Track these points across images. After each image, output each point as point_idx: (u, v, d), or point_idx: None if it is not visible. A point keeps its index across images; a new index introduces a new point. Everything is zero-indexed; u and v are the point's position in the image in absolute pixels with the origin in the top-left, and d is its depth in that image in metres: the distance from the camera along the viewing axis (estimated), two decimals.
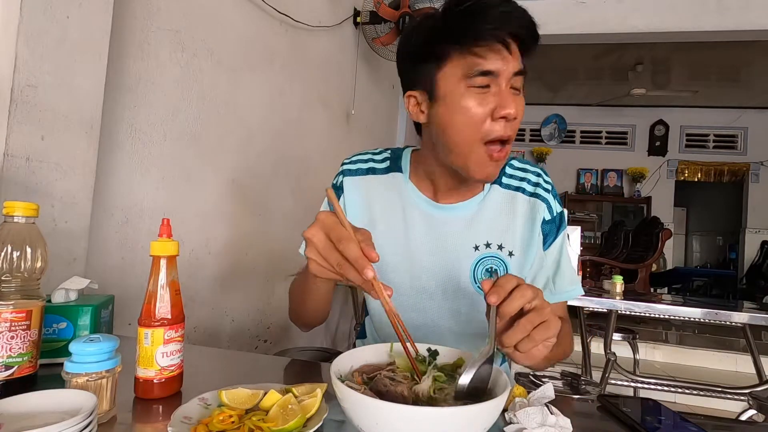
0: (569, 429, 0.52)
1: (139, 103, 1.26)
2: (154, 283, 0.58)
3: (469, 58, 0.69)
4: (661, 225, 4.11)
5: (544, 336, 0.53)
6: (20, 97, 0.84)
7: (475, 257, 0.82)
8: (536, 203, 0.83)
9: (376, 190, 0.87)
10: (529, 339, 0.53)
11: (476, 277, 0.82)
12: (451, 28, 0.70)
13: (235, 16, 1.65)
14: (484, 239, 0.82)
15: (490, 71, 0.68)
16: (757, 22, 2.98)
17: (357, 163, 0.90)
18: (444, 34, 0.70)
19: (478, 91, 0.69)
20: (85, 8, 0.95)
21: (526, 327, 0.52)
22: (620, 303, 2.02)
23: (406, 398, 0.50)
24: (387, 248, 0.83)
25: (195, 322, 1.52)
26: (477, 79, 0.69)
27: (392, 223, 0.85)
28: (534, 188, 0.84)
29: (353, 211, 0.87)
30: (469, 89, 0.69)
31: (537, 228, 0.83)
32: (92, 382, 0.50)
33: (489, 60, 0.68)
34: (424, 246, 0.83)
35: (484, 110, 0.69)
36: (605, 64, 5.36)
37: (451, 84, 0.71)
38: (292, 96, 2.08)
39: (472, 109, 0.69)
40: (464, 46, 0.69)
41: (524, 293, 0.53)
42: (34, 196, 0.87)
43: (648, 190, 6.66)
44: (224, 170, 1.64)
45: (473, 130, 0.70)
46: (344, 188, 0.88)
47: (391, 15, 2.62)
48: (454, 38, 0.69)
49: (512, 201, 0.84)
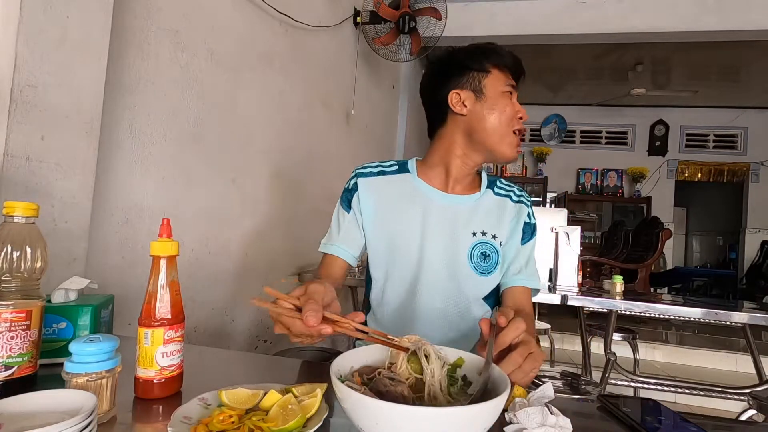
0: (569, 429, 0.52)
1: (139, 103, 1.26)
2: (154, 283, 0.58)
3: (505, 73, 0.99)
4: (661, 225, 4.10)
5: (532, 367, 0.62)
6: (20, 97, 0.84)
7: (473, 241, 0.99)
8: (521, 207, 1.06)
9: (388, 186, 1.04)
10: (520, 370, 0.62)
11: (472, 258, 0.98)
12: (496, 52, 1.00)
13: (235, 16, 1.65)
14: (481, 228, 1.00)
15: (514, 85, 1.00)
16: (757, 22, 2.98)
17: (368, 168, 1.07)
18: (492, 55, 0.99)
19: (509, 97, 0.98)
20: (85, 8, 0.95)
21: (517, 360, 0.61)
22: (620, 303, 2.02)
23: (406, 398, 0.50)
24: (401, 230, 0.99)
25: (195, 322, 1.52)
26: (508, 88, 0.98)
27: (406, 209, 1.01)
28: (519, 197, 1.07)
29: (367, 205, 1.02)
30: (504, 94, 0.98)
31: (520, 226, 1.04)
32: (92, 382, 0.50)
33: (512, 79, 1.00)
34: (432, 228, 0.99)
35: (512, 110, 0.98)
36: (605, 64, 5.35)
37: (496, 89, 0.98)
38: (292, 96, 2.08)
39: (508, 108, 0.98)
40: (504, 66, 0.99)
41: (519, 326, 0.64)
42: (34, 196, 0.87)
43: (648, 190, 6.66)
44: (224, 170, 1.64)
45: (508, 121, 0.97)
46: (359, 187, 1.03)
47: (391, 15, 2.63)
48: (499, 59, 0.99)
49: (503, 203, 1.05)
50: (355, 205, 1.03)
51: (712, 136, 6.63)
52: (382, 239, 1.01)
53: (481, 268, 0.99)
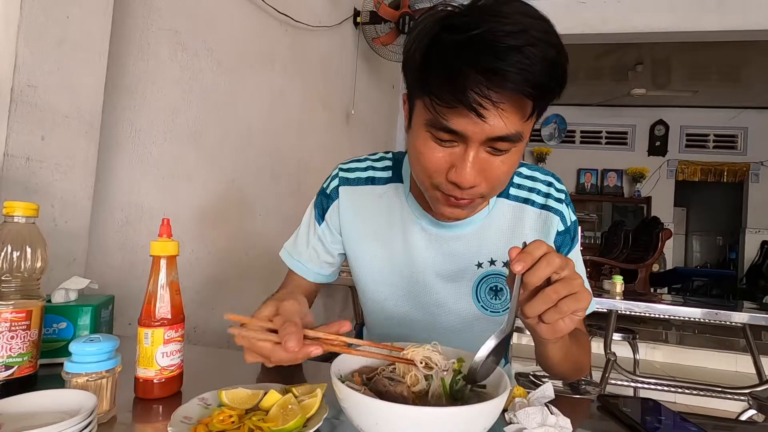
0: (569, 429, 0.52)
1: (139, 103, 1.26)
2: (154, 283, 0.58)
3: (437, 109, 0.56)
4: (661, 225, 4.10)
5: (573, 308, 0.48)
6: (20, 97, 0.84)
7: (478, 275, 0.77)
8: (548, 216, 0.76)
9: (375, 204, 0.81)
10: (555, 309, 0.48)
11: (478, 296, 0.77)
12: (427, 66, 0.57)
13: (235, 16, 1.65)
14: (489, 256, 0.76)
15: (455, 131, 0.57)
16: (757, 22, 2.98)
17: (355, 171, 0.83)
18: (416, 73, 0.59)
19: (440, 143, 0.59)
20: (85, 8, 0.95)
21: (551, 297, 0.48)
22: (620, 303, 2.02)
23: (406, 398, 0.50)
24: (385, 267, 0.80)
25: (195, 322, 1.52)
26: (441, 133, 0.58)
27: (391, 240, 0.79)
28: (545, 199, 0.76)
29: (347, 222, 0.82)
30: (430, 135, 0.60)
31: (550, 239, 0.76)
32: (92, 382, 0.50)
33: (453, 122, 0.56)
34: (424, 264, 0.78)
35: (439, 164, 0.61)
36: (605, 64, 5.36)
37: (418, 122, 0.62)
38: (292, 96, 2.08)
39: (427, 156, 0.61)
40: (430, 98, 0.57)
41: (552, 261, 0.48)
42: (34, 196, 0.87)
43: (648, 190, 6.66)
44: (224, 170, 1.64)
45: (425, 175, 0.63)
46: (340, 196, 0.82)
47: (391, 15, 2.62)
48: (422, 85, 0.58)
49: (520, 214, 0.76)
50: (331, 219, 0.83)
51: (712, 136, 6.63)
52: (364, 269, 0.82)
53: (492, 306, 0.77)
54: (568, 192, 0.79)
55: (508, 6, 0.54)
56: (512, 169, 0.63)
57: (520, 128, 0.58)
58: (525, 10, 0.55)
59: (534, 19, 0.54)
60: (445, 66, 0.54)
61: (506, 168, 0.62)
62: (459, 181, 0.59)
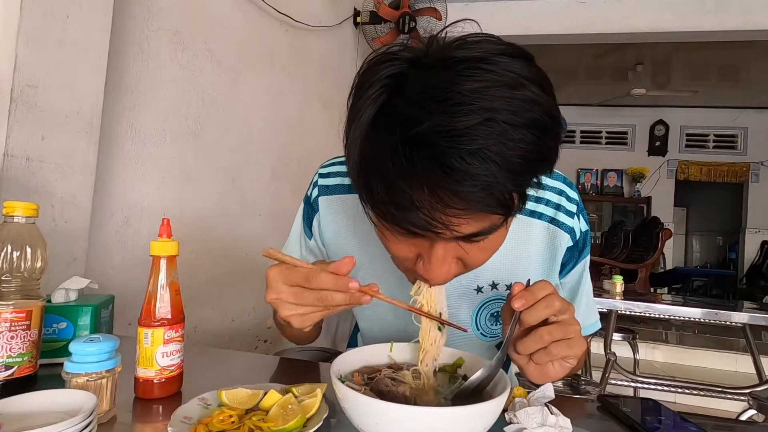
0: (569, 429, 0.52)
1: (139, 103, 1.26)
2: (154, 283, 0.58)
3: (386, 224, 0.48)
4: (661, 225, 4.11)
5: (563, 353, 0.47)
6: (20, 97, 0.84)
7: (478, 300, 0.69)
8: (556, 233, 0.68)
9: (359, 218, 0.66)
10: (545, 351, 0.47)
11: (478, 323, 0.70)
12: (363, 171, 0.46)
13: (235, 16, 1.65)
14: (489, 279, 0.68)
15: (414, 232, 0.46)
16: (757, 22, 2.97)
17: (335, 177, 0.73)
18: (353, 176, 0.48)
19: (402, 235, 0.48)
20: (85, 8, 0.95)
21: (544, 337, 0.47)
22: (620, 303, 2.02)
23: (407, 398, 0.50)
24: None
25: (195, 322, 1.52)
26: (399, 229, 0.47)
27: (380, 260, 0.68)
28: (555, 212, 0.68)
29: (329, 235, 0.73)
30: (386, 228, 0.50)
31: (557, 260, 0.69)
32: (92, 382, 0.50)
33: (408, 228, 0.46)
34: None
35: (404, 254, 0.52)
36: (605, 64, 5.35)
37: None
38: (292, 96, 2.08)
39: (388, 246, 0.53)
40: (374, 212, 0.48)
41: (552, 304, 0.47)
42: (34, 196, 0.87)
43: (648, 190, 6.66)
44: (224, 170, 1.64)
45: (392, 260, 0.56)
46: (320, 209, 0.73)
47: (391, 15, 2.62)
48: (361, 196, 0.48)
49: (526, 230, 0.68)
50: (316, 233, 0.76)
51: (712, 136, 6.63)
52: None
53: (492, 332, 0.71)
54: (581, 198, 0.71)
55: (470, 65, 0.41)
56: (498, 246, 0.53)
57: (498, 221, 0.47)
58: (495, 68, 0.41)
59: (505, 88, 0.40)
60: (384, 179, 0.43)
61: (489, 252, 0.53)
62: (428, 278, 0.51)
